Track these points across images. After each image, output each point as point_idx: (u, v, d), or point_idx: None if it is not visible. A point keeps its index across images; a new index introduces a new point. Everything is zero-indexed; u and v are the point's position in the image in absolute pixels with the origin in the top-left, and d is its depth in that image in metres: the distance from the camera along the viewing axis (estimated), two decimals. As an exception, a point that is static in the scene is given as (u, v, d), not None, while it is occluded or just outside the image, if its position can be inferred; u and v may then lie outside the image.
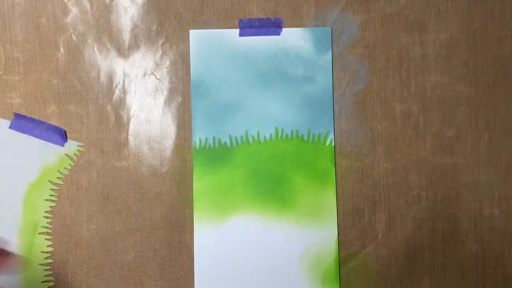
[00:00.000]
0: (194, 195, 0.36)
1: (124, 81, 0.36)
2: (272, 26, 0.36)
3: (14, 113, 0.36)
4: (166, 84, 0.36)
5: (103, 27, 0.36)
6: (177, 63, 0.36)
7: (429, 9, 0.36)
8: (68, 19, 0.36)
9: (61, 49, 0.36)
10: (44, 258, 0.36)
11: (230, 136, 0.36)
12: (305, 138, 0.36)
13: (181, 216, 0.36)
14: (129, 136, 0.36)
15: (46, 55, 0.36)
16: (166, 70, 0.36)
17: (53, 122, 0.36)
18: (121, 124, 0.36)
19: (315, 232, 0.36)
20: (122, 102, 0.36)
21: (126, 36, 0.36)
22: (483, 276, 0.37)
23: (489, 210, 0.37)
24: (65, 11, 0.36)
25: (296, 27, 0.36)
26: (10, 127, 0.36)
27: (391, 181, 0.36)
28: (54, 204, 0.36)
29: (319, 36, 0.36)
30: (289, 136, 0.36)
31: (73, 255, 0.36)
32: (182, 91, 0.36)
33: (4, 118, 0.36)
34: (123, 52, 0.36)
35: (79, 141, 0.36)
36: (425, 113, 0.36)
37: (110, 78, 0.36)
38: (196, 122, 0.36)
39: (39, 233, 0.36)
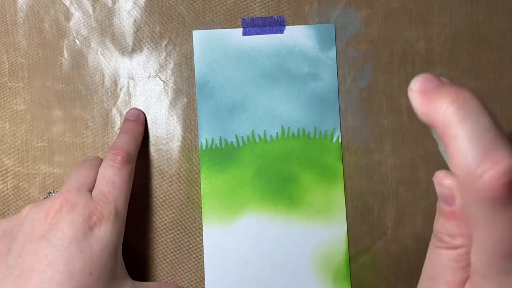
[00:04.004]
0: (202, 196, 0.36)
1: (128, 84, 0.36)
2: (275, 25, 0.36)
3: None
4: (170, 86, 0.36)
5: (106, 30, 0.36)
6: (181, 64, 0.36)
7: (432, 3, 0.36)
8: (71, 23, 0.36)
9: (65, 53, 0.36)
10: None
11: (236, 136, 0.36)
12: (312, 135, 0.36)
13: (190, 217, 0.36)
14: (135, 139, 0.36)
15: (50, 60, 0.36)
16: (170, 71, 0.36)
17: (59, 127, 0.36)
18: (127, 127, 0.36)
19: (325, 230, 0.36)
20: (127, 105, 0.36)
21: (130, 39, 0.36)
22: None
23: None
24: (68, 16, 0.36)
25: (299, 24, 0.36)
26: None
27: (399, 176, 0.36)
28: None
29: (322, 33, 0.36)
30: (295, 134, 0.36)
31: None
32: (187, 92, 0.36)
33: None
34: (127, 54, 0.36)
35: (85, 146, 0.36)
36: (431, 107, 0.36)
37: (115, 81, 0.36)
38: (202, 123, 0.36)
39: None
